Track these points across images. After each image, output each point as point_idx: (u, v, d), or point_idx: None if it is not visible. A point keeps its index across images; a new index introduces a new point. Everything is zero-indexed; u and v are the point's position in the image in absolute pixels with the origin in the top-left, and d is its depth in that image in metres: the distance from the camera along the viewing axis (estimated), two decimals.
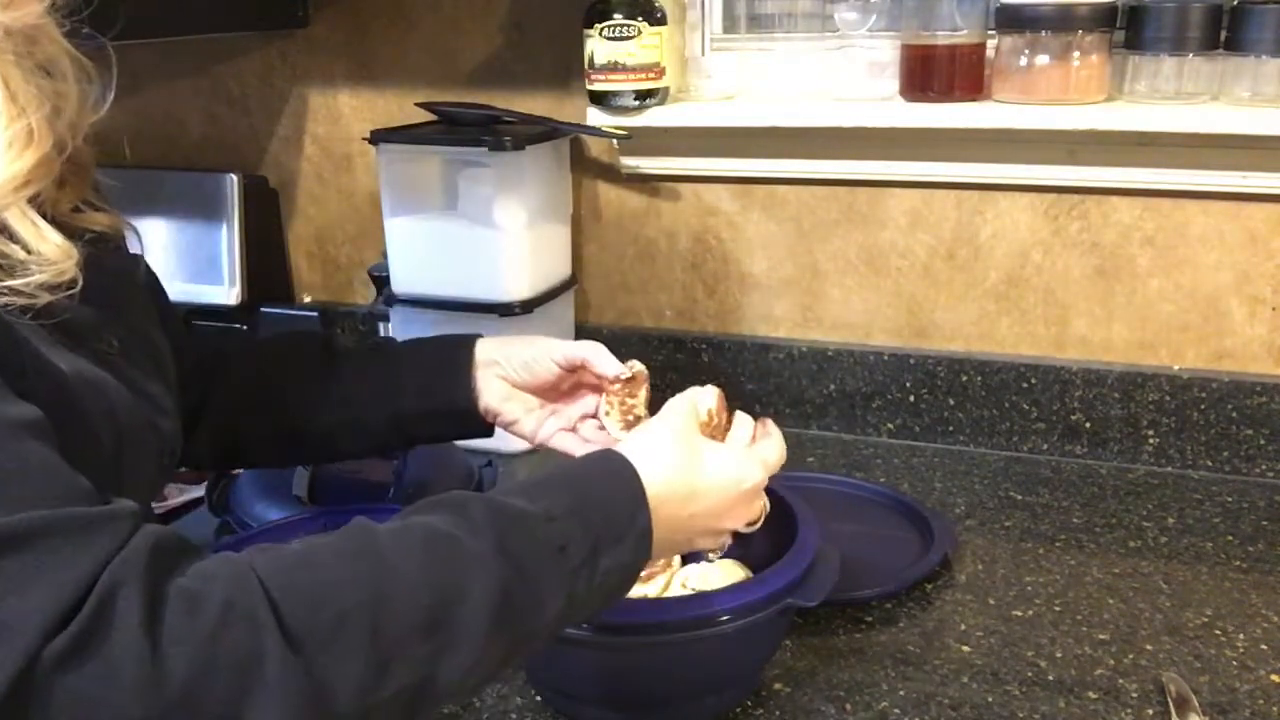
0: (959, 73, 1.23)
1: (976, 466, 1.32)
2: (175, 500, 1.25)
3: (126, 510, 0.51)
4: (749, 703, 0.89)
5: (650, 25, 1.28)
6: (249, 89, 1.60)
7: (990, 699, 0.88)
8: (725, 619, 0.80)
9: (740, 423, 0.81)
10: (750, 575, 0.90)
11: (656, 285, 1.49)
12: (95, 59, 0.66)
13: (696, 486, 0.71)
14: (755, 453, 0.78)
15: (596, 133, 1.37)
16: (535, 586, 0.60)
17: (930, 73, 1.24)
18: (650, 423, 0.75)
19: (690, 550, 0.79)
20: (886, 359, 1.38)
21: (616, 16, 1.28)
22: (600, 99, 1.33)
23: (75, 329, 0.62)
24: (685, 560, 0.95)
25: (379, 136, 1.35)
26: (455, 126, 1.38)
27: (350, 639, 0.52)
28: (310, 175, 1.62)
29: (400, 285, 1.40)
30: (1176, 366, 1.29)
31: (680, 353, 1.47)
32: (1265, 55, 1.13)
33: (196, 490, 1.23)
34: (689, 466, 0.71)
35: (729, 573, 0.92)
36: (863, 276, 1.39)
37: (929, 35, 1.23)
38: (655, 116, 1.34)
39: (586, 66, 1.31)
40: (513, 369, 0.91)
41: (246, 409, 0.91)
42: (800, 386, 1.42)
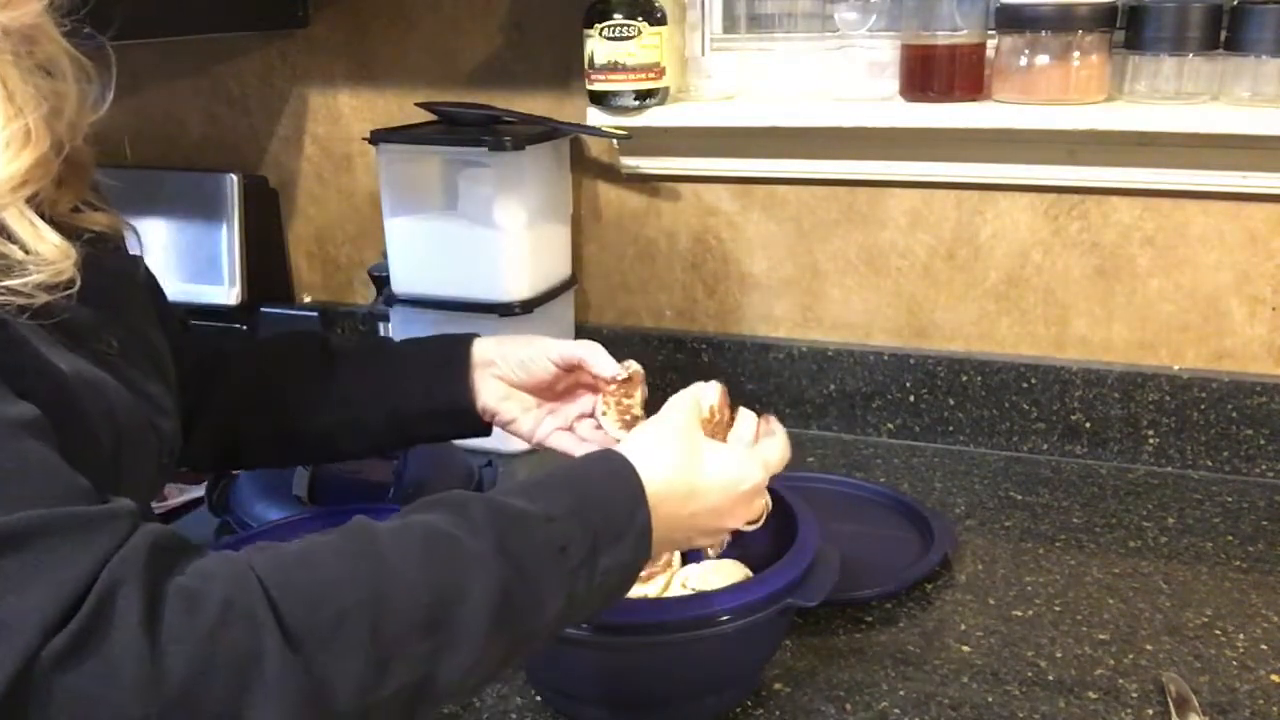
0: (959, 73, 1.23)
1: (976, 466, 1.32)
2: (175, 500, 1.25)
3: (125, 509, 0.51)
4: (749, 703, 0.89)
5: (650, 25, 1.28)
6: (249, 89, 1.60)
7: (990, 699, 0.88)
8: (725, 619, 0.80)
9: (743, 420, 0.81)
10: (750, 575, 0.90)
11: (656, 285, 1.49)
12: (95, 59, 0.66)
13: (696, 486, 0.72)
14: (757, 453, 0.78)
15: (596, 133, 1.37)
16: (535, 586, 0.60)
17: (930, 73, 1.24)
18: (651, 421, 0.75)
19: (689, 548, 0.79)
20: (886, 359, 1.38)
21: (616, 16, 1.28)
22: (600, 99, 1.33)
23: (74, 329, 0.62)
24: (685, 559, 0.95)
25: (379, 136, 1.35)
26: (455, 126, 1.38)
27: (350, 638, 0.52)
28: (310, 175, 1.62)
29: (400, 285, 1.40)
30: (1176, 366, 1.29)
31: (680, 353, 1.47)
32: (1265, 55, 1.13)
33: (196, 490, 1.23)
34: (689, 465, 0.72)
35: (729, 573, 0.91)
36: (863, 276, 1.39)
37: (929, 35, 1.23)
38: (655, 116, 1.34)
39: (586, 66, 1.31)
40: (509, 368, 0.91)
41: (245, 409, 0.91)
42: (800, 386, 1.42)
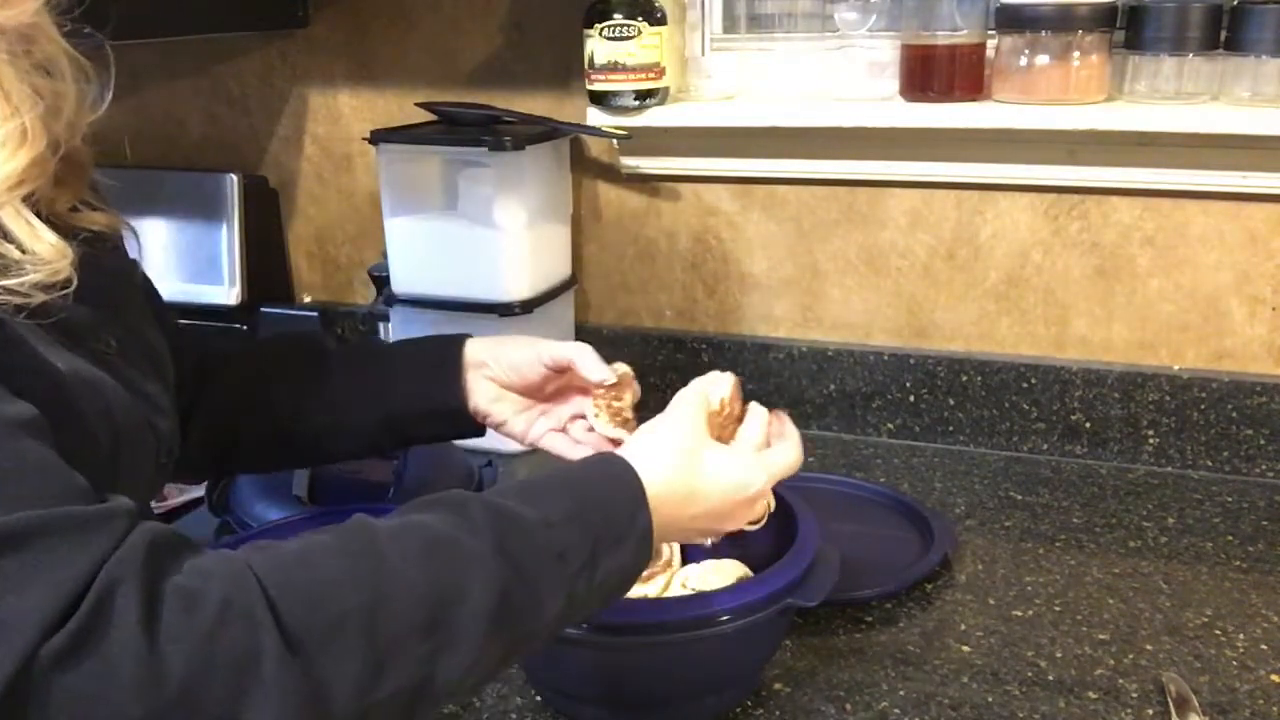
0: (959, 73, 1.23)
1: (976, 466, 1.32)
2: (175, 500, 1.25)
3: (123, 509, 0.51)
4: (749, 703, 0.89)
5: (650, 25, 1.28)
6: (249, 89, 1.60)
7: (990, 699, 0.88)
8: (725, 619, 0.79)
9: (753, 420, 0.79)
10: (750, 575, 0.90)
11: (656, 285, 1.49)
12: (94, 58, 0.66)
13: (697, 489, 0.71)
14: (762, 458, 0.77)
15: (596, 133, 1.37)
16: (534, 587, 0.60)
17: (930, 73, 1.24)
18: (656, 420, 0.75)
19: (685, 543, 0.79)
20: (886, 359, 1.38)
21: (616, 16, 1.28)
22: (600, 99, 1.33)
23: (72, 328, 0.62)
24: (685, 559, 0.95)
25: (379, 136, 1.35)
26: (455, 126, 1.38)
27: (348, 638, 0.52)
28: (310, 175, 1.62)
29: (400, 285, 1.40)
30: (1176, 366, 1.29)
31: (680, 353, 1.47)
32: (1265, 55, 1.13)
33: (196, 490, 1.23)
34: (690, 468, 0.71)
35: (729, 573, 0.91)
36: (863, 276, 1.39)
37: (929, 35, 1.23)
38: (655, 116, 1.33)
39: (586, 66, 1.31)
40: (501, 370, 0.90)
41: (244, 409, 0.91)
42: (800, 386, 1.42)
